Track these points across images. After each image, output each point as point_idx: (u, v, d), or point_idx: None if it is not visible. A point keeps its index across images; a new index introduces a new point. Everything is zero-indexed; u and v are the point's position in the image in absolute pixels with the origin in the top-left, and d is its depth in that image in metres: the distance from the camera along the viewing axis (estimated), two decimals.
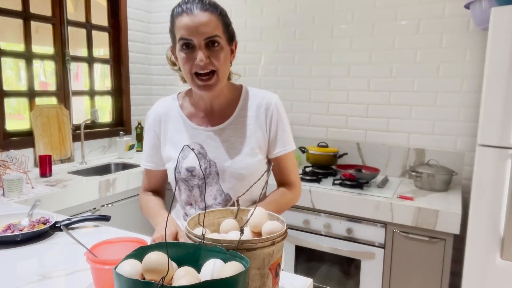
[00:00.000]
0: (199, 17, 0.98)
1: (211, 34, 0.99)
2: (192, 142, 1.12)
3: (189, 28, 0.99)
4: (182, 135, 1.13)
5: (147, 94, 3.25)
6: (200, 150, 1.10)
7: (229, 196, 1.10)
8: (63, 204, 1.93)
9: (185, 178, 1.11)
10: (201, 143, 1.11)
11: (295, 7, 2.59)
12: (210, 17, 0.99)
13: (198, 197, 1.12)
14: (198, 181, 1.10)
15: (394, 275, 1.91)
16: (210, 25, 0.99)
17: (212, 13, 1.00)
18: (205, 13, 0.99)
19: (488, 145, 1.59)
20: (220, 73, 1.03)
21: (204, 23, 0.98)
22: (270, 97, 1.14)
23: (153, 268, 0.62)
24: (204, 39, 0.99)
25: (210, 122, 1.12)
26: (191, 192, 1.12)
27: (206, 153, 1.10)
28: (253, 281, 0.70)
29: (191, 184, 1.11)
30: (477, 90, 2.14)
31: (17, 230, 1.16)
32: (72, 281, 0.90)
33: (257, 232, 0.79)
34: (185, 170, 1.10)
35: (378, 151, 2.41)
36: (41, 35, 2.50)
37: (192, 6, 0.99)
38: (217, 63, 1.01)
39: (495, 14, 1.54)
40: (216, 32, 1.00)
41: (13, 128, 2.34)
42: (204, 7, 1.00)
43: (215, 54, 1.01)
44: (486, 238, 1.62)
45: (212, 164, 1.09)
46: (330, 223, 2.02)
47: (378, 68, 2.38)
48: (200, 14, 0.99)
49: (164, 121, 1.18)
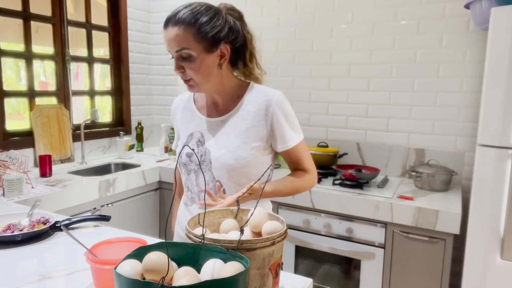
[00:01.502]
0: (169, 32, 1.06)
1: (178, 48, 1.06)
2: (196, 130, 1.22)
3: (166, 42, 1.08)
4: (190, 124, 1.24)
5: (147, 94, 3.25)
6: (200, 138, 1.21)
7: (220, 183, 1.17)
8: (63, 204, 1.93)
9: (184, 162, 1.22)
10: (202, 132, 1.21)
11: (295, 7, 2.59)
12: (177, 31, 1.05)
13: (194, 181, 1.22)
14: (194, 167, 1.21)
15: (394, 275, 1.91)
16: (177, 39, 1.05)
17: (181, 27, 1.05)
18: (174, 28, 1.05)
19: (488, 145, 1.59)
20: (197, 80, 1.10)
21: (172, 38, 1.06)
22: (272, 94, 1.18)
23: (153, 268, 0.62)
24: (175, 52, 1.07)
25: (214, 114, 1.21)
26: (188, 176, 1.23)
27: (204, 141, 1.19)
28: (253, 281, 0.70)
29: (189, 168, 1.22)
30: (477, 90, 2.14)
31: (17, 230, 1.16)
32: (72, 281, 0.90)
33: (257, 232, 0.79)
34: (185, 155, 1.21)
35: (378, 151, 2.41)
36: (41, 35, 2.50)
37: (168, 21, 1.07)
38: (190, 73, 1.09)
39: (495, 14, 1.54)
40: (183, 45, 1.06)
41: (13, 128, 2.34)
42: (176, 21, 1.05)
43: (188, 65, 1.08)
44: (486, 238, 1.62)
45: (207, 152, 1.17)
46: (330, 223, 2.02)
47: (378, 68, 2.38)
48: (170, 30, 1.06)
49: (178, 112, 1.30)
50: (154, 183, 2.55)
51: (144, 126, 3.19)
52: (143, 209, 2.49)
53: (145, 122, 3.21)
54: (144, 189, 2.48)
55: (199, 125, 1.22)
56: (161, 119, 3.26)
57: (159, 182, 2.59)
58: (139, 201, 2.45)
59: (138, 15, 3.08)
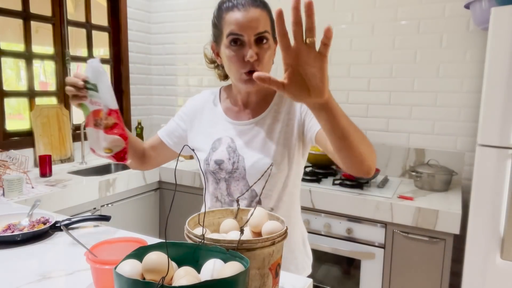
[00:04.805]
0: (251, 13, 0.98)
1: (262, 30, 0.99)
2: (224, 135, 1.12)
3: (240, 23, 0.98)
4: (216, 128, 1.14)
5: (147, 94, 3.25)
6: (231, 144, 1.10)
7: (255, 192, 1.09)
8: (63, 204, 1.93)
9: (213, 170, 1.11)
10: (232, 137, 1.11)
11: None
12: (261, 13, 0.99)
13: (224, 191, 1.12)
14: (225, 175, 1.10)
15: (394, 275, 1.91)
16: (260, 21, 0.99)
17: (262, 9, 1.00)
18: (256, 9, 0.99)
19: (488, 145, 1.59)
20: (265, 70, 1.02)
21: (255, 18, 0.98)
22: None
23: (153, 268, 0.62)
24: (255, 34, 0.99)
25: (244, 117, 1.12)
26: (217, 185, 1.12)
27: (236, 147, 1.09)
28: (253, 281, 0.70)
29: (218, 177, 1.11)
30: (477, 90, 2.14)
31: (17, 230, 1.16)
32: (72, 281, 0.90)
33: (257, 232, 0.79)
34: (214, 162, 1.10)
35: (378, 151, 2.41)
36: (41, 35, 2.50)
37: (243, 1, 0.99)
38: (265, 61, 1.01)
39: (495, 14, 1.54)
40: (266, 28, 1.00)
41: (13, 128, 2.34)
42: (255, 3, 1.00)
43: (264, 51, 1.01)
44: (486, 238, 1.62)
45: (241, 159, 1.08)
46: (330, 223, 2.02)
47: (378, 68, 2.38)
48: (251, 10, 0.98)
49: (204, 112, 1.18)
50: (154, 183, 2.55)
51: (144, 126, 3.19)
52: (143, 209, 2.49)
53: (145, 122, 3.22)
54: (144, 189, 2.48)
55: (227, 129, 1.12)
56: (161, 119, 3.26)
57: (159, 182, 2.59)
58: (139, 201, 2.45)
59: (138, 15, 3.08)
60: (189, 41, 3.04)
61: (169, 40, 3.14)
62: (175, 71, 3.15)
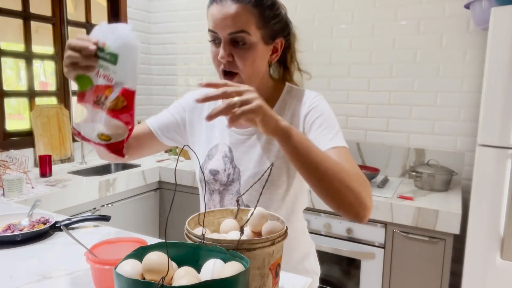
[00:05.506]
0: (225, 8, 0.85)
1: (236, 29, 0.86)
2: (221, 142, 1.02)
3: (215, 20, 0.87)
4: (214, 133, 1.04)
5: (147, 94, 3.25)
6: (227, 153, 1.01)
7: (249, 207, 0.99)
8: (63, 204, 1.92)
9: (207, 180, 1.03)
10: (230, 146, 1.01)
11: (295, 7, 2.58)
12: (238, 9, 0.85)
13: (218, 203, 1.03)
14: (219, 187, 1.01)
15: (394, 275, 1.91)
16: (235, 19, 0.85)
17: (243, 5, 0.86)
18: (235, 4, 0.85)
19: (488, 145, 1.59)
20: (244, 76, 0.90)
21: (230, 15, 0.85)
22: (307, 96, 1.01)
23: (153, 268, 0.62)
24: (229, 33, 0.86)
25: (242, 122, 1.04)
26: (211, 196, 1.04)
27: (233, 157, 1.00)
28: (253, 281, 0.70)
29: (212, 188, 1.03)
30: (477, 90, 2.14)
31: (17, 230, 1.16)
32: (72, 281, 0.90)
33: (257, 232, 0.79)
34: (209, 172, 1.01)
35: (378, 151, 2.41)
36: (41, 35, 2.50)
37: None
38: (241, 65, 0.88)
39: (495, 14, 1.54)
40: (242, 28, 0.86)
41: (13, 128, 2.34)
42: None
43: (240, 53, 0.88)
44: (486, 238, 1.62)
45: (236, 171, 0.99)
46: (330, 223, 2.02)
47: (378, 68, 2.38)
48: (227, 5, 0.85)
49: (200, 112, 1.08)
50: (154, 183, 2.55)
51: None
52: (143, 209, 2.49)
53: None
54: (144, 189, 2.48)
55: (225, 136, 1.02)
56: None
57: (159, 182, 2.59)
58: (139, 201, 2.45)
59: (138, 15, 3.08)
60: (189, 41, 3.04)
61: (169, 40, 3.14)
62: (175, 71, 3.15)
